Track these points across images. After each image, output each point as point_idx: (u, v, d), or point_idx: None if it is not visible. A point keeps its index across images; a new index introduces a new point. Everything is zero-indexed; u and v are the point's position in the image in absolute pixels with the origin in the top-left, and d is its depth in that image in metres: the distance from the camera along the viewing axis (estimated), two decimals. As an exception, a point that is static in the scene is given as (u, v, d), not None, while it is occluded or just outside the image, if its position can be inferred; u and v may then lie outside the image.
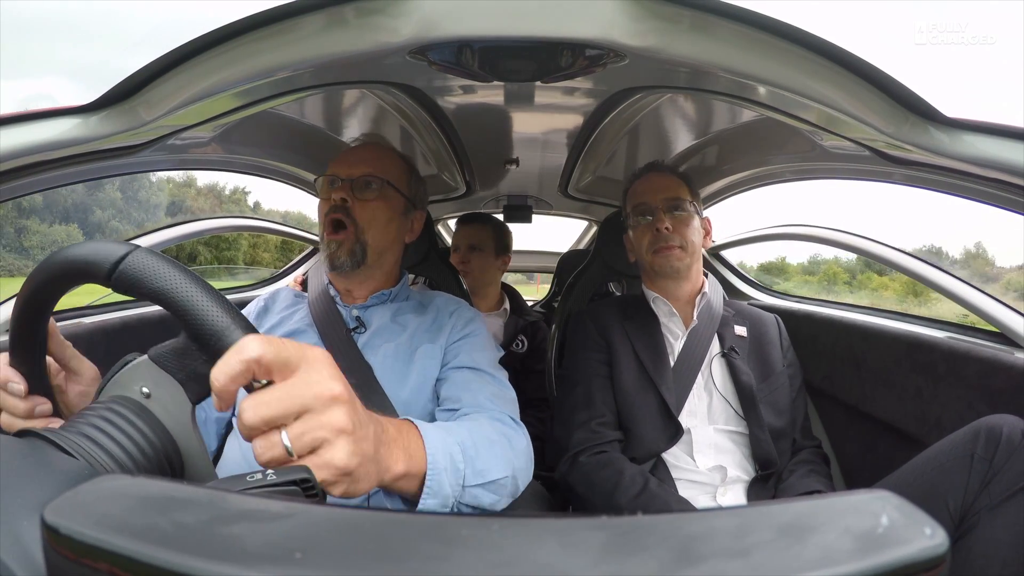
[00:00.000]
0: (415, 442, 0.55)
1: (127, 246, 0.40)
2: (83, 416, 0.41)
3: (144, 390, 0.42)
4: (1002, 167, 0.61)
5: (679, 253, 1.10)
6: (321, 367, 0.39)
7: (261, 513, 0.22)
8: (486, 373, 0.83)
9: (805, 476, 1.02)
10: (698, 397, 1.07)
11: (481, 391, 0.79)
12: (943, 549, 0.19)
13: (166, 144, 0.76)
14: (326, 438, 0.38)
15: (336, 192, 0.88)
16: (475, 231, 1.79)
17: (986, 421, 0.77)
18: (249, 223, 1.82)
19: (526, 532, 0.21)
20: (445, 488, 0.57)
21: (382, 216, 0.90)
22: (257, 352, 0.36)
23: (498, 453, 0.66)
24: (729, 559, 0.19)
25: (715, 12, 0.55)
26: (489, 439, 0.67)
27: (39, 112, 0.63)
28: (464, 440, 0.62)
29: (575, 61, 0.66)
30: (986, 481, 0.73)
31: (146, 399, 0.42)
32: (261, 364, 0.36)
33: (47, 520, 0.20)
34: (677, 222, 1.10)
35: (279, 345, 0.37)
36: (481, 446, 0.64)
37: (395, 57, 0.64)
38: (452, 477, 0.58)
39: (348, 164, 0.91)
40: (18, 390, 0.48)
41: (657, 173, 1.16)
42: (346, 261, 0.87)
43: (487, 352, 0.88)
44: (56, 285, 0.43)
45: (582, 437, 1.06)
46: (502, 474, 0.65)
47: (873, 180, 0.94)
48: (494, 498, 0.65)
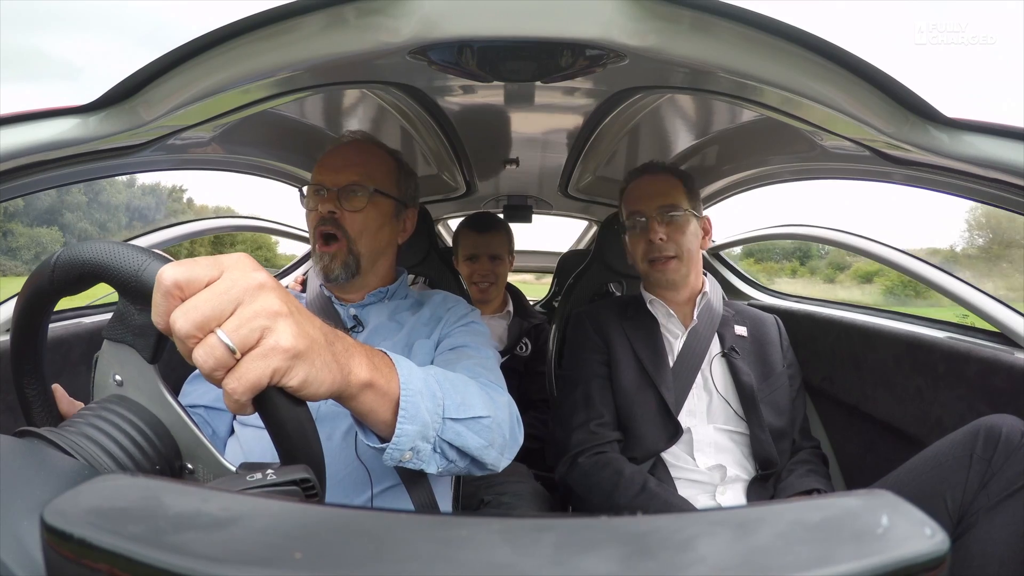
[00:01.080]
0: (383, 361, 0.52)
1: (59, 250, 0.42)
2: (82, 416, 0.41)
3: (117, 377, 0.43)
4: (1002, 167, 0.61)
5: (674, 265, 1.09)
6: (241, 264, 0.38)
7: (261, 513, 0.22)
8: (470, 348, 0.80)
9: (804, 476, 1.03)
10: (698, 397, 1.07)
11: (463, 363, 0.75)
12: (943, 549, 0.19)
13: (166, 144, 0.76)
14: (265, 325, 0.37)
15: (323, 204, 0.85)
16: (492, 239, 1.69)
17: (985, 421, 0.77)
18: (249, 223, 1.81)
19: (526, 532, 0.21)
20: (423, 414, 0.53)
21: (372, 224, 0.88)
22: (172, 277, 0.36)
23: (475, 392, 0.63)
24: (730, 559, 0.19)
25: (715, 12, 0.55)
26: (464, 381, 0.63)
27: (39, 112, 0.63)
28: (438, 375, 0.59)
29: (575, 61, 0.66)
30: (985, 481, 0.73)
31: (120, 387, 0.43)
32: (183, 288, 0.36)
33: (47, 520, 0.20)
34: (672, 229, 1.09)
35: (192, 263, 0.37)
36: (458, 383, 0.61)
37: (395, 57, 0.64)
38: (430, 403, 0.55)
39: (333, 170, 0.88)
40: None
41: (652, 175, 1.14)
42: (340, 273, 0.86)
43: (478, 337, 0.85)
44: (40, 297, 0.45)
45: (581, 438, 1.06)
46: (484, 412, 0.61)
47: (873, 180, 0.94)
48: (480, 441, 0.60)
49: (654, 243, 1.08)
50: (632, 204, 1.13)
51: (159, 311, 0.36)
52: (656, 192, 1.11)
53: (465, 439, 0.59)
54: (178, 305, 0.36)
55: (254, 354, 0.36)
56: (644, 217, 1.10)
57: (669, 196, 1.11)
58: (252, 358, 0.36)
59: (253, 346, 0.36)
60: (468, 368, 0.73)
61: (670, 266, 1.09)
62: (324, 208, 0.85)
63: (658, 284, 1.12)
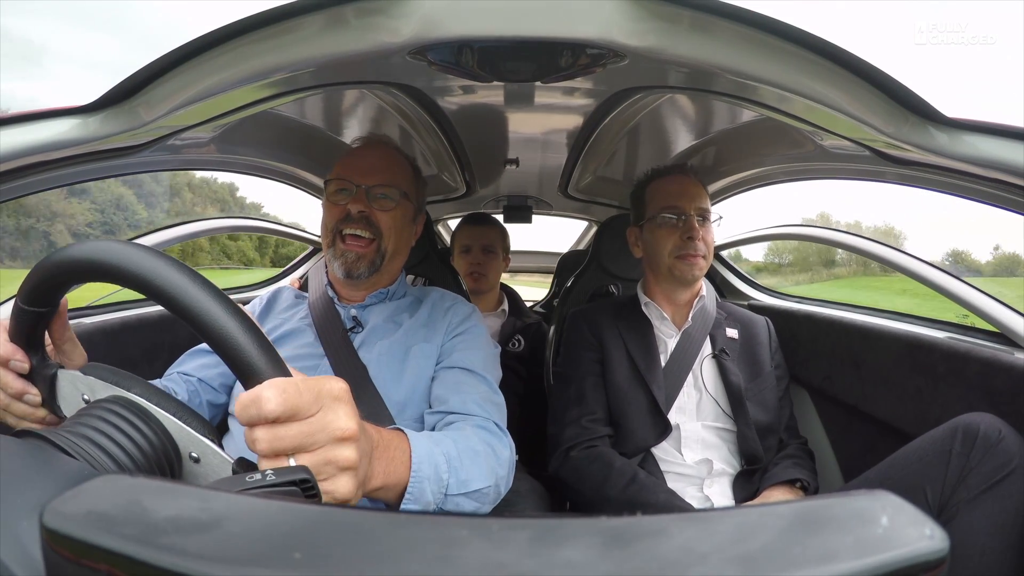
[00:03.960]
0: (401, 454, 0.56)
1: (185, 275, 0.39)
2: (82, 416, 0.41)
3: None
4: (1002, 167, 0.61)
5: (702, 263, 1.12)
6: (338, 406, 0.41)
7: (260, 513, 0.22)
8: (478, 375, 0.83)
9: (789, 467, 1.06)
10: (687, 395, 1.11)
11: (471, 394, 0.79)
12: (943, 549, 0.19)
13: (166, 144, 0.76)
14: (332, 473, 0.40)
15: (354, 203, 0.86)
16: (486, 232, 1.76)
17: (964, 419, 0.80)
18: (249, 223, 1.81)
19: (526, 532, 0.21)
20: (427, 496, 0.59)
21: (399, 225, 0.90)
22: (275, 411, 0.37)
23: (482, 464, 0.67)
24: (730, 559, 0.19)
25: (715, 12, 0.55)
26: (474, 450, 0.68)
27: (39, 112, 0.63)
28: (450, 451, 0.64)
29: (575, 61, 0.66)
30: (963, 476, 0.76)
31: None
32: (279, 417, 0.37)
33: (46, 521, 0.20)
34: (704, 231, 1.12)
35: (296, 393, 0.38)
36: (466, 456, 0.66)
37: (395, 57, 0.64)
38: (435, 486, 0.60)
39: (361, 171, 0.89)
40: (22, 368, 0.48)
41: (687, 177, 1.16)
42: (364, 271, 0.87)
43: (482, 351, 0.88)
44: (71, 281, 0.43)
45: (573, 433, 1.09)
46: (485, 484, 0.66)
47: (873, 180, 0.94)
48: (476, 505, 0.67)
49: (693, 240, 1.10)
50: (667, 200, 1.14)
51: (246, 416, 0.37)
52: (695, 193, 1.14)
53: (462, 506, 0.64)
54: (266, 424, 0.37)
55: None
56: (683, 214, 1.12)
57: (704, 199, 1.14)
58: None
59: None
60: (476, 405, 0.77)
61: (699, 263, 1.12)
62: (355, 207, 0.86)
63: (681, 279, 1.13)
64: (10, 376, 0.48)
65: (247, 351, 0.38)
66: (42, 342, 0.49)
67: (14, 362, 0.47)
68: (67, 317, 0.52)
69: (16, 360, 0.47)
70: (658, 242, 1.14)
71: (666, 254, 1.13)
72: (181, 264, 0.39)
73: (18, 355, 0.48)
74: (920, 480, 0.79)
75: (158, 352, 1.16)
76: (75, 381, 0.47)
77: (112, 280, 0.40)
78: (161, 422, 0.42)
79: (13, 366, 0.48)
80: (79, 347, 0.54)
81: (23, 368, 0.48)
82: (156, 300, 0.38)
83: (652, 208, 1.16)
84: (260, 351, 0.38)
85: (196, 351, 0.89)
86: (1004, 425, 0.76)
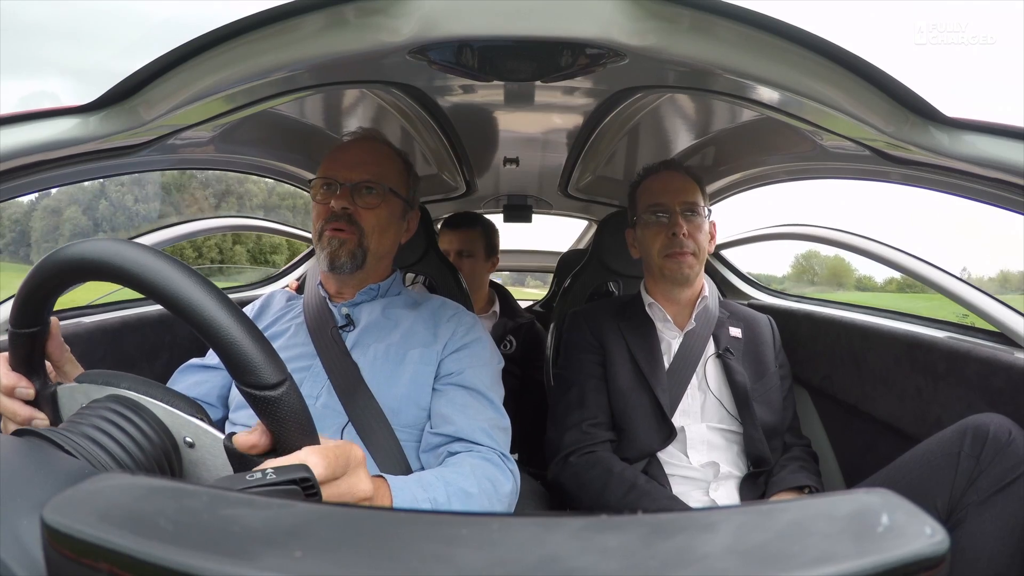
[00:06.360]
0: (383, 503, 0.56)
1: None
2: (82, 415, 0.41)
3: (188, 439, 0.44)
4: (1002, 167, 0.61)
5: (691, 260, 1.09)
6: (360, 470, 0.46)
7: (261, 512, 0.22)
8: (484, 397, 0.82)
9: (795, 472, 1.04)
10: (692, 396, 1.08)
11: (477, 419, 0.78)
12: (943, 548, 0.19)
13: (166, 144, 0.76)
14: None
15: (337, 200, 0.85)
16: (463, 236, 1.72)
17: (973, 420, 0.78)
18: (249, 223, 1.81)
19: (526, 531, 0.21)
20: None
21: (384, 222, 0.88)
22: (321, 476, 0.40)
23: (473, 507, 0.66)
24: (730, 558, 0.19)
25: (715, 12, 0.55)
26: (467, 493, 0.67)
27: (39, 112, 0.63)
28: (438, 496, 0.63)
29: (575, 61, 0.66)
30: (973, 478, 0.74)
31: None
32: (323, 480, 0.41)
33: (47, 519, 0.20)
34: (692, 227, 1.08)
35: (334, 459, 0.42)
36: (456, 501, 0.65)
37: (395, 57, 0.64)
38: None
39: (346, 166, 0.87)
40: (27, 395, 0.48)
41: (673, 172, 1.13)
42: (346, 262, 0.86)
43: (489, 367, 0.86)
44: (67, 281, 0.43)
45: (573, 438, 1.06)
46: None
47: (873, 180, 0.95)
48: None
49: (677, 237, 1.07)
50: (653, 197, 1.12)
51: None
52: (680, 188, 1.11)
53: None
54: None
55: None
56: (667, 212, 1.09)
57: (691, 194, 1.10)
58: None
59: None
60: (482, 432, 0.77)
61: (687, 260, 1.08)
62: (338, 204, 0.85)
63: (672, 279, 1.11)
64: (17, 404, 0.48)
65: (243, 347, 0.38)
66: (42, 365, 0.49)
67: (19, 390, 0.47)
68: (61, 338, 0.51)
69: (21, 387, 0.47)
70: (647, 242, 1.12)
71: (655, 254, 1.10)
72: (170, 257, 0.40)
73: (22, 383, 0.47)
74: (928, 483, 0.77)
75: (158, 352, 1.16)
76: (73, 392, 0.47)
77: (97, 277, 0.40)
78: (154, 412, 0.42)
79: (19, 394, 0.47)
80: (78, 366, 0.54)
81: (28, 395, 0.48)
82: (137, 289, 0.39)
83: (640, 207, 1.14)
84: (258, 349, 0.39)
85: (185, 368, 0.88)
86: (1014, 426, 0.75)
